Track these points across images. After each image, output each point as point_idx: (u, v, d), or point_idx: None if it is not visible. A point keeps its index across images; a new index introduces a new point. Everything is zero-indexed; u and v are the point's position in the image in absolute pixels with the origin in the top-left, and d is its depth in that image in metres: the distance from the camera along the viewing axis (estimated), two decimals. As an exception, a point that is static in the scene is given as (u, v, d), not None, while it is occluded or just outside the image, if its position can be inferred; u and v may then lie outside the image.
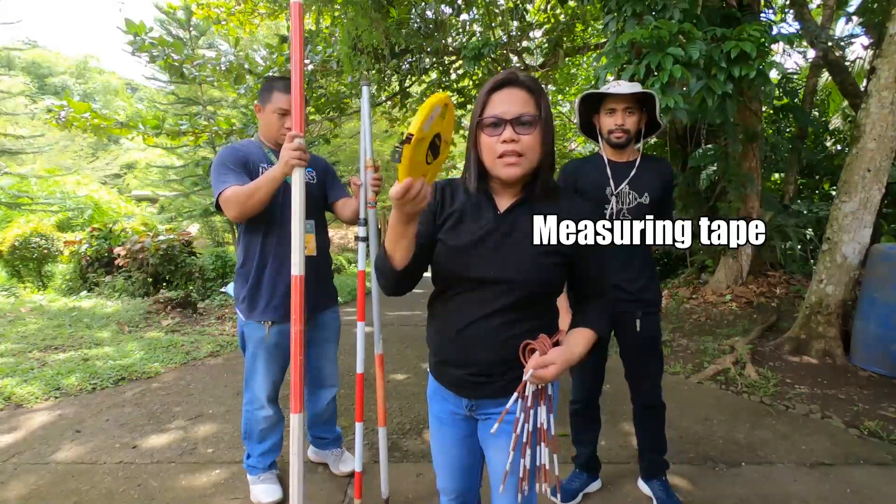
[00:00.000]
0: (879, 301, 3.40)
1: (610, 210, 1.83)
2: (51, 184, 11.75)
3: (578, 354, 1.03)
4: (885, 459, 2.36)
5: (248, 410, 2.02)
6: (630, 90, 1.74)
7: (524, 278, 1.02)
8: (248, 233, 1.93)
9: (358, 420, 1.95)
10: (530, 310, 1.06)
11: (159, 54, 5.41)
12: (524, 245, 1.03)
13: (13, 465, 2.30)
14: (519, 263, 1.02)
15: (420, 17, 5.75)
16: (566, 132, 11.51)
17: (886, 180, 3.51)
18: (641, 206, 1.81)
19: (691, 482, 2.17)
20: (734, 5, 4.06)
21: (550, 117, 1.02)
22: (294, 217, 1.40)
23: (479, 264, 1.04)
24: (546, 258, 1.03)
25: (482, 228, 1.05)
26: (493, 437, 1.11)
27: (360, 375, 1.94)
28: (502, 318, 1.04)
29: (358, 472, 1.96)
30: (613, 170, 1.84)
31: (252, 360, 1.96)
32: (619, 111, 1.77)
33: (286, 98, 1.84)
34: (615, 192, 1.82)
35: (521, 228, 1.04)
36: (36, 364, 3.69)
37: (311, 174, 2.02)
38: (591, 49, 6.07)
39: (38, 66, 26.85)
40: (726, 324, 4.57)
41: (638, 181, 1.82)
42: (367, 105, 1.86)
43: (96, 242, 6.90)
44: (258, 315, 1.91)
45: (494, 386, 1.08)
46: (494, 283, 1.04)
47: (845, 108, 7.31)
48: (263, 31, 10.90)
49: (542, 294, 1.06)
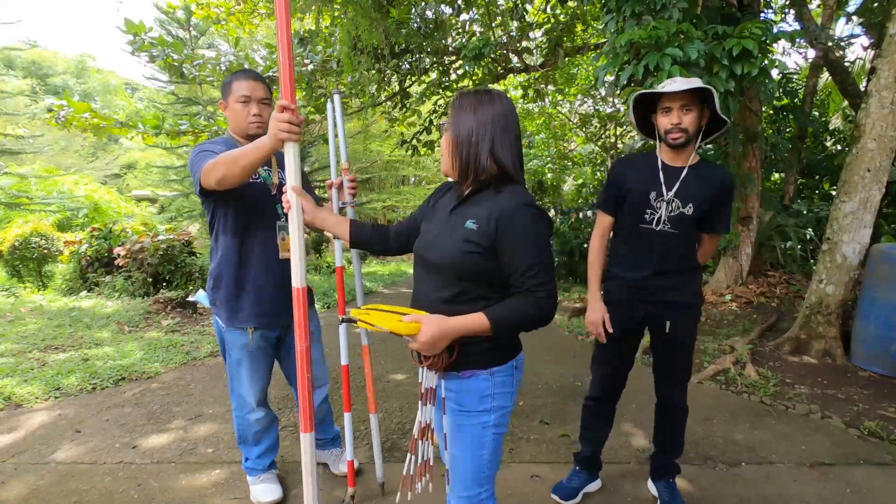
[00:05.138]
0: (879, 301, 3.40)
1: (650, 216, 1.74)
2: (49, 183, 11.75)
3: (458, 329, 1.09)
4: (885, 459, 2.37)
5: (238, 416, 1.99)
6: (683, 87, 1.62)
7: (444, 260, 1.16)
8: (227, 233, 1.83)
9: (346, 410, 2.00)
10: (463, 295, 1.16)
11: (159, 54, 5.41)
12: (455, 235, 1.16)
13: (13, 465, 2.30)
14: (446, 249, 1.17)
15: (420, 17, 5.75)
16: (566, 133, 11.52)
17: (886, 180, 3.51)
18: (683, 217, 1.71)
19: (691, 482, 2.17)
20: (734, 5, 4.06)
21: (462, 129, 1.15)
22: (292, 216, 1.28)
23: (427, 248, 1.23)
24: (466, 245, 1.14)
25: (439, 220, 1.25)
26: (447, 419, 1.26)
27: (345, 367, 1.98)
28: (437, 293, 1.19)
29: (349, 460, 1.99)
30: (665, 173, 1.73)
31: (236, 367, 1.91)
32: (675, 109, 1.65)
33: (246, 84, 1.79)
34: (665, 198, 1.71)
35: (460, 221, 1.18)
36: (36, 364, 3.69)
37: None
38: (591, 49, 6.06)
39: (38, 66, 26.84)
40: (726, 324, 4.57)
41: (685, 189, 1.70)
42: (340, 112, 1.92)
43: (96, 242, 6.89)
44: (241, 322, 1.85)
45: (434, 358, 1.18)
46: (430, 264, 1.21)
47: (845, 108, 7.32)
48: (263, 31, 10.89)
49: (468, 279, 1.16)
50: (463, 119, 1.16)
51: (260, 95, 1.82)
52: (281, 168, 1.96)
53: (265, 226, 1.86)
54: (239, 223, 1.82)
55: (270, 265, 1.86)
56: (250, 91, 1.79)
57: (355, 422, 2.70)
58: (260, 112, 1.81)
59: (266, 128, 1.76)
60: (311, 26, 6.18)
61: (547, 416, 2.85)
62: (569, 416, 2.80)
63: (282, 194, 1.88)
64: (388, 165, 16.52)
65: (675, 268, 1.77)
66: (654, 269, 1.76)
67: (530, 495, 2.08)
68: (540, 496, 2.07)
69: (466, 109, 1.16)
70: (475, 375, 1.19)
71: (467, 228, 1.14)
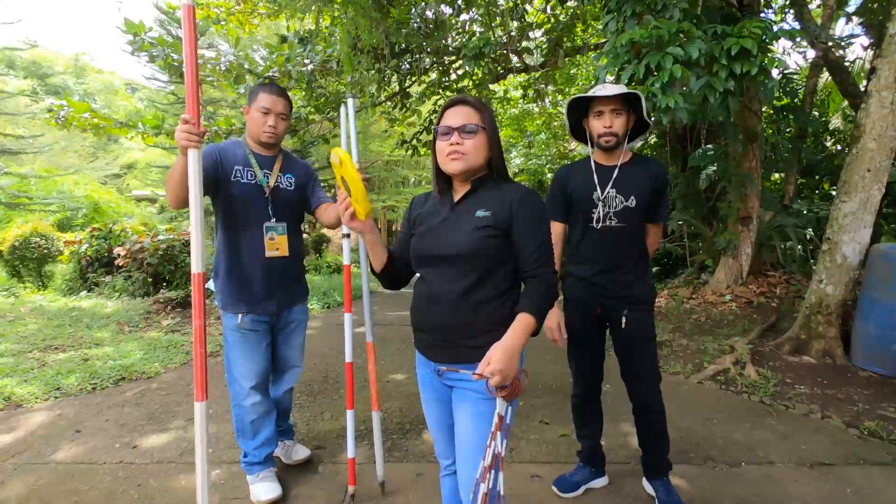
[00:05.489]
0: (879, 301, 3.40)
1: (597, 215, 1.85)
2: (49, 183, 11.75)
3: (517, 341, 1.14)
4: (885, 459, 2.36)
5: (235, 405, 2.06)
6: (615, 91, 1.75)
7: (462, 250, 1.24)
8: (221, 228, 2.00)
9: (349, 408, 2.03)
10: (480, 281, 1.24)
11: (159, 54, 5.40)
12: (465, 226, 1.26)
13: (13, 465, 2.30)
14: (459, 241, 1.25)
15: (420, 17, 5.74)
16: (565, 133, 11.51)
17: (886, 180, 3.50)
18: (627, 210, 1.82)
19: (691, 482, 2.17)
20: (734, 4, 4.06)
21: (495, 128, 1.30)
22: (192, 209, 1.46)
23: (432, 245, 1.29)
24: (481, 231, 1.23)
25: (439, 218, 1.33)
26: (461, 407, 1.28)
27: (350, 364, 2.03)
28: (453, 287, 1.25)
29: (351, 458, 2.03)
30: (600, 174, 1.85)
31: (231, 349, 2.01)
32: (607, 113, 1.78)
33: (270, 97, 1.95)
34: (601, 196, 1.83)
35: (466, 214, 1.28)
36: (36, 364, 3.69)
37: (289, 180, 2.08)
38: (591, 49, 6.06)
39: (38, 66, 26.81)
40: (726, 324, 4.57)
41: (624, 184, 1.82)
42: (353, 115, 2.05)
43: (96, 242, 6.89)
44: (233, 307, 1.98)
45: (452, 350, 1.27)
46: (444, 259, 1.27)
47: (845, 108, 7.31)
48: (263, 31, 10.89)
49: (482, 264, 1.24)
50: (492, 121, 1.30)
51: (279, 110, 1.97)
52: (282, 172, 2.06)
53: (255, 225, 1.98)
54: (230, 220, 1.97)
55: (259, 259, 1.98)
56: (272, 104, 1.95)
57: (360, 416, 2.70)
58: (275, 125, 1.97)
59: (277, 139, 1.99)
60: (311, 26, 6.18)
61: (547, 416, 2.85)
62: (569, 416, 2.77)
63: (276, 196, 2.00)
64: (388, 166, 16.51)
65: (624, 261, 1.86)
66: (604, 265, 1.86)
67: (530, 495, 2.08)
68: (540, 496, 2.07)
69: (490, 113, 1.31)
70: None
71: (479, 217, 1.25)
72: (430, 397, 1.41)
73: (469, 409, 1.25)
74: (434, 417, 1.42)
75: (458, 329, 1.26)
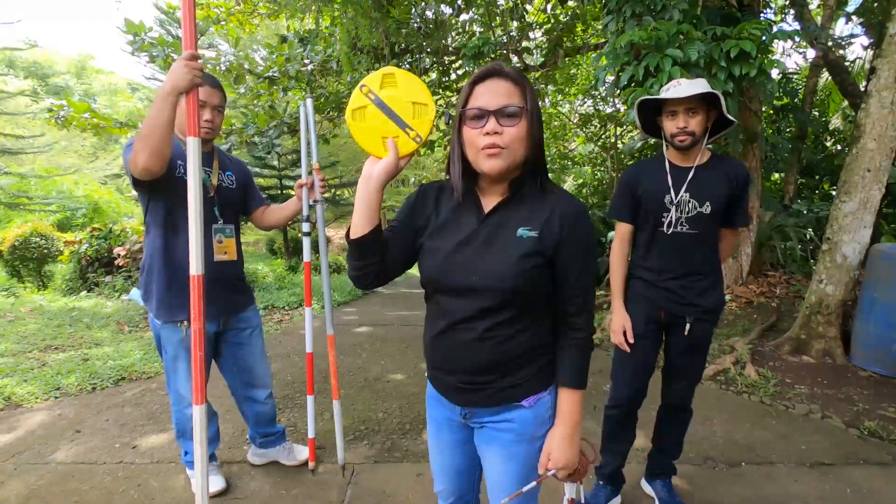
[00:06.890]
0: (879, 301, 3.40)
1: (668, 220, 1.71)
2: (49, 183, 11.75)
3: (574, 426, 1.02)
4: (885, 459, 2.37)
5: (176, 410, 1.99)
6: (686, 93, 1.59)
7: (504, 285, 0.95)
8: (159, 226, 1.81)
9: (309, 393, 2.19)
10: (517, 316, 1.00)
11: (159, 54, 5.40)
12: (506, 250, 0.97)
13: (13, 465, 2.30)
14: (499, 271, 0.96)
15: (420, 17, 5.75)
16: (566, 133, 11.51)
17: (886, 180, 3.50)
18: (701, 216, 1.68)
19: (691, 482, 2.17)
20: (734, 5, 4.06)
21: (538, 110, 0.96)
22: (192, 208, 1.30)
23: (460, 271, 0.98)
24: (527, 261, 0.95)
25: (463, 233, 1.00)
26: (489, 447, 1.10)
27: (310, 354, 2.16)
28: (484, 323, 0.99)
29: (311, 438, 2.21)
30: (674, 175, 1.71)
31: (173, 362, 1.90)
32: (681, 113, 1.64)
33: (204, 90, 1.78)
34: (675, 200, 1.69)
35: (504, 230, 0.98)
36: (36, 364, 3.69)
37: (230, 178, 1.99)
38: (591, 49, 6.06)
39: (38, 66, 26.83)
40: (726, 324, 4.57)
41: (699, 188, 1.68)
42: (311, 116, 2.06)
43: (96, 242, 6.89)
44: (174, 315, 1.83)
45: (485, 393, 1.04)
46: (473, 291, 0.98)
47: (845, 108, 7.32)
48: (263, 31, 10.90)
49: (526, 300, 0.99)
50: (534, 99, 0.96)
51: (216, 102, 1.84)
52: (222, 170, 1.97)
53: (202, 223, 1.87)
54: (171, 217, 1.80)
55: (207, 264, 1.87)
56: (206, 96, 1.79)
57: (360, 416, 2.71)
58: (212, 119, 1.84)
59: (214, 134, 1.85)
60: (310, 26, 6.18)
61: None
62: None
63: (221, 196, 1.90)
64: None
65: (696, 270, 1.74)
66: (674, 272, 1.75)
67: (530, 495, 2.08)
68: (540, 497, 2.07)
69: (531, 88, 0.96)
70: (540, 400, 1.06)
71: (523, 238, 0.96)
72: (448, 439, 1.17)
73: (501, 451, 1.08)
74: (447, 462, 1.20)
75: (491, 370, 1.02)
